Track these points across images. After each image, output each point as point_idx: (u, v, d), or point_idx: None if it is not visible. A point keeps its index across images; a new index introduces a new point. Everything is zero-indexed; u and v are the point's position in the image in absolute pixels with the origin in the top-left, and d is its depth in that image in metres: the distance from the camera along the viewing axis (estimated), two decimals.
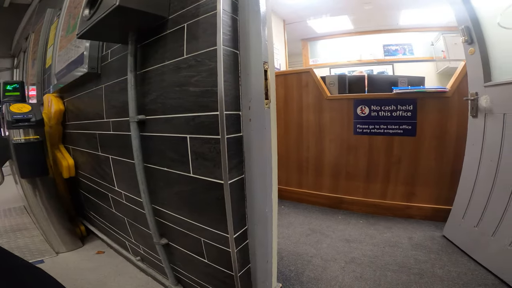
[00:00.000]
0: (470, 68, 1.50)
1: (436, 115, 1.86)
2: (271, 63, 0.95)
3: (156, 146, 1.11)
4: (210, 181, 0.93)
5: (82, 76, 1.42)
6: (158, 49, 1.04)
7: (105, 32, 1.04)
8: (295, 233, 1.85)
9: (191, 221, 1.04)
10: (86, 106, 1.63)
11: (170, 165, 1.06)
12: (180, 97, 0.98)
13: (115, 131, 1.35)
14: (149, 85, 1.09)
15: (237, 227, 0.93)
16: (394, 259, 1.48)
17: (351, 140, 2.17)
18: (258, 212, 0.97)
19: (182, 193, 1.05)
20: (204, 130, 0.92)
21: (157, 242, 1.15)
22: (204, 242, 1.01)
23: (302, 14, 4.27)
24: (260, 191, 0.96)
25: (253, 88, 0.91)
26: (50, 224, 1.69)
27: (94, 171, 1.65)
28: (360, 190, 2.19)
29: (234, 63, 0.90)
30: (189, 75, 0.93)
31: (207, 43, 0.86)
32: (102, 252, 1.70)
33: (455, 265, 1.38)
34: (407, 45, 4.64)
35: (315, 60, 5.41)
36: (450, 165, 1.85)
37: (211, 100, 0.88)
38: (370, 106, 2.06)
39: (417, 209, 1.99)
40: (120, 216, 1.51)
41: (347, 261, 1.48)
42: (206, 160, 0.93)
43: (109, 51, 1.32)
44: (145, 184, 1.12)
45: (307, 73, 2.34)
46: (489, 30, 1.37)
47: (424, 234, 1.75)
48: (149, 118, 1.11)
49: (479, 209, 1.42)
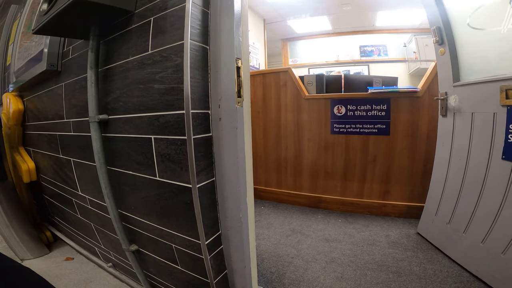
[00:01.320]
0: (440, 68, 1.54)
1: (408, 115, 1.91)
2: (245, 60, 0.91)
3: (120, 148, 1.04)
4: (178, 185, 0.88)
5: (41, 73, 1.32)
6: (122, 44, 0.97)
7: (64, 27, 0.96)
8: (276, 234, 1.83)
9: (161, 227, 0.99)
10: (45, 106, 1.51)
11: (136, 168, 1.00)
12: (144, 95, 0.91)
13: (76, 132, 1.26)
14: (112, 83, 1.02)
15: (209, 233, 0.89)
16: (373, 257, 1.50)
17: (328, 140, 2.19)
18: (231, 216, 0.93)
19: (149, 198, 0.99)
20: (169, 131, 0.86)
21: (126, 249, 1.09)
22: (176, 248, 0.97)
23: (282, 13, 4.28)
24: (232, 195, 0.91)
25: (224, 86, 0.87)
26: (12, 231, 1.59)
27: (56, 175, 1.54)
28: (338, 189, 2.21)
29: (203, 59, 0.85)
30: (153, 71, 0.88)
31: (174, 38, 0.81)
32: (71, 258, 1.62)
33: (431, 262, 1.41)
34: (382, 46, 4.79)
35: (294, 60, 5.45)
36: (422, 163, 1.91)
37: (177, 98, 0.83)
38: (346, 106, 2.08)
39: (392, 207, 2.04)
40: (86, 222, 1.42)
41: (328, 261, 1.48)
42: (172, 162, 0.88)
43: (70, 47, 1.23)
44: (109, 189, 1.05)
45: (286, 73, 2.33)
46: (459, 30, 1.41)
47: (400, 232, 1.79)
48: (112, 118, 1.03)
49: (451, 206, 1.45)
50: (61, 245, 1.80)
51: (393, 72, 4.41)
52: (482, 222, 1.25)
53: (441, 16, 1.45)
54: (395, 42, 4.70)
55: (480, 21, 1.28)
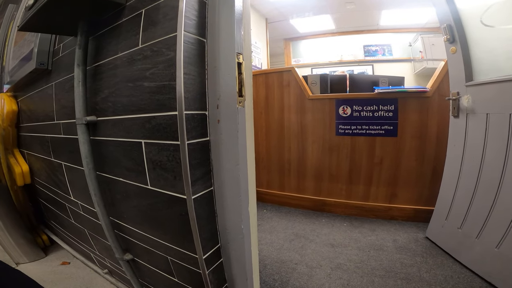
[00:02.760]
0: (452, 67, 1.48)
1: (417, 115, 1.85)
2: (247, 55, 0.82)
3: (109, 152, 0.96)
4: (171, 195, 0.80)
5: (31, 72, 1.26)
6: (111, 40, 0.89)
7: (50, 23, 0.90)
8: (279, 239, 1.77)
9: (155, 238, 0.91)
10: (37, 107, 1.45)
11: (126, 175, 0.92)
12: (134, 94, 0.83)
13: (66, 135, 1.19)
14: (101, 81, 0.94)
15: (207, 246, 0.81)
16: (380, 263, 1.44)
17: (333, 141, 2.12)
18: (232, 228, 0.84)
19: (142, 207, 0.91)
20: (161, 134, 0.78)
21: (120, 257, 1.03)
22: (172, 260, 0.90)
23: (284, 12, 4.22)
24: (233, 205, 0.83)
25: (223, 83, 0.78)
26: (6, 234, 1.55)
27: (49, 179, 1.48)
28: (343, 192, 2.14)
29: (199, 53, 0.76)
30: (143, 67, 0.79)
31: (166, 30, 0.73)
32: (68, 263, 1.57)
33: (441, 268, 1.36)
34: (387, 45, 4.72)
35: (297, 60, 5.38)
36: (431, 166, 1.84)
37: (169, 97, 0.74)
38: (352, 106, 2.02)
39: (399, 210, 1.98)
40: (80, 228, 1.36)
41: (333, 267, 1.43)
42: (165, 170, 0.79)
43: (61, 45, 1.16)
44: (99, 196, 0.97)
45: (289, 72, 2.27)
46: (472, 28, 1.35)
47: (407, 236, 1.73)
48: (100, 119, 0.96)
49: (462, 211, 1.40)
50: (57, 249, 1.75)
51: (398, 72, 4.33)
52: (497, 227, 1.19)
53: (451, 14, 1.40)
54: (400, 42, 4.63)
55: (493, 19, 1.22)
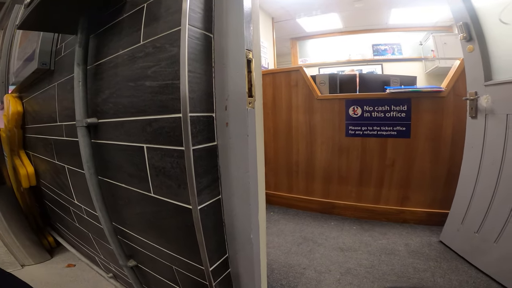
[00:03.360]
0: (469, 66, 1.42)
1: (431, 116, 1.78)
2: (256, 53, 0.75)
3: (111, 156, 0.91)
4: (176, 204, 0.74)
5: (33, 73, 1.24)
6: (113, 37, 0.84)
7: (49, 20, 0.87)
8: (286, 242, 1.73)
9: (159, 246, 0.87)
10: (41, 108, 1.42)
11: (128, 181, 0.87)
12: (135, 95, 0.78)
13: (69, 137, 1.15)
14: (102, 81, 0.90)
15: (214, 258, 0.76)
16: (392, 268, 1.40)
17: (343, 142, 2.07)
18: (241, 238, 0.79)
19: (145, 215, 0.87)
20: (164, 139, 0.72)
21: (123, 264, 0.99)
22: (177, 270, 0.86)
23: (291, 11, 4.16)
24: (242, 214, 0.77)
25: (232, 83, 0.71)
26: (12, 236, 1.55)
27: (54, 181, 1.46)
28: (353, 195, 2.09)
29: (206, 50, 0.71)
30: (145, 65, 0.74)
31: (169, 24, 0.68)
32: (73, 265, 1.56)
33: (456, 273, 1.31)
34: (396, 44, 4.62)
35: (304, 60, 5.32)
36: (446, 168, 1.78)
37: (172, 97, 0.68)
38: (362, 107, 1.96)
39: (411, 213, 1.92)
40: (84, 231, 1.34)
41: (343, 272, 1.39)
42: (168, 178, 0.74)
43: (63, 44, 1.13)
44: (101, 202, 0.93)
45: (297, 72, 2.23)
46: (490, 26, 1.30)
47: (420, 240, 1.68)
48: (102, 121, 0.91)
49: (480, 214, 1.35)
50: (63, 250, 1.74)
51: (408, 71, 4.24)
52: None
53: (468, 11, 1.35)
54: (410, 41, 4.53)
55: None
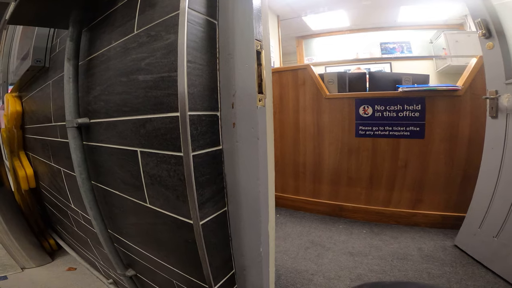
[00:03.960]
0: (488, 64, 1.35)
1: (447, 116, 1.71)
2: (266, 44, 0.66)
3: (104, 160, 0.83)
4: (174, 217, 0.65)
5: (27, 71, 1.19)
6: (106, 29, 0.77)
7: (40, 13, 0.81)
8: (293, 246, 1.68)
9: (158, 259, 0.79)
10: (38, 107, 1.36)
11: (122, 189, 0.79)
12: (127, 91, 0.69)
13: (63, 138, 1.07)
14: (93, 77, 0.82)
15: (219, 275, 0.68)
16: (405, 274, 1.34)
17: (352, 143, 2.00)
18: (249, 252, 0.71)
19: (142, 226, 0.79)
20: (159, 142, 0.62)
21: (121, 273, 0.93)
22: (177, 285, 0.79)
23: (297, 9, 4.10)
24: (251, 227, 0.68)
25: (239, 76, 0.62)
26: (12, 238, 1.53)
27: (51, 184, 1.41)
28: (362, 197, 2.02)
29: (209, 38, 0.62)
30: (139, 57, 0.65)
31: (166, 9, 0.59)
32: (74, 268, 1.52)
33: (473, 279, 1.25)
34: (405, 43, 4.52)
35: (310, 59, 5.25)
36: (462, 170, 1.70)
37: (168, 92, 0.59)
38: (373, 106, 1.89)
39: (423, 216, 1.84)
40: (83, 236, 1.30)
41: (353, 278, 1.33)
42: (165, 188, 0.65)
43: (58, 40, 1.07)
44: (96, 209, 0.86)
45: (304, 70, 2.17)
46: (510, 22, 1.24)
47: (434, 244, 1.61)
48: (93, 122, 0.83)
49: (500, 218, 1.29)
50: (64, 253, 1.71)
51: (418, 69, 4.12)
52: None
53: (486, 8, 1.28)
54: (419, 39, 4.42)
55: None
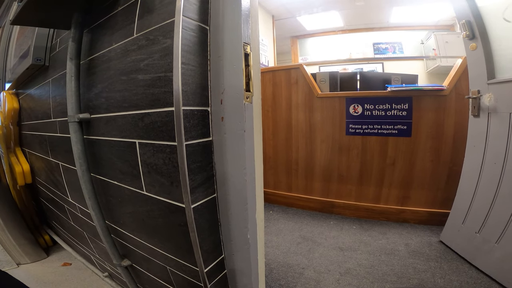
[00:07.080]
0: (472, 64, 1.40)
1: (433, 114, 1.76)
2: (254, 46, 0.74)
3: (103, 153, 0.90)
4: (169, 203, 0.72)
5: (27, 69, 1.22)
6: (106, 31, 0.84)
7: (43, 15, 0.85)
8: (285, 241, 1.72)
9: (153, 246, 0.85)
10: (36, 104, 1.41)
11: (121, 179, 0.86)
12: (127, 89, 0.77)
13: (62, 133, 1.14)
14: (94, 76, 0.89)
15: (209, 259, 0.74)
16: (392, 268, 1.39)
17: (343, 141, 2.05)
18: (237, 238, 0.77)
19: (138, 214, 0.85)
20: (156, 134, 0.70)
21: (117, 263, 0.97)
22: (171, 271, 0.84)
23: (291, 9, 4.13)
24: (239, 213, 0.75)
25: (228, 75, 0.70)
26: (7, 234, 1.54)
27: (49, 179, 1.44)
28: (353, 194, 2.07)
29: (201, 42, 0.70)
30: (138, 58, 0.73)
31: (163, 16, 0.67)
32: (69, 264, 1.55)
33: (457, 274, 1.30)
34: (397, 43, 4.59)
35: (304, 58, 5.29)
36: (447, 167, 1.76)
37: (164, 90, 0.67)
38: (363, 105, 1.94)
39: (411, 213, 1.90)
40: (79, 230, 1.32)
41: (342, 272, 1.37)
42: (160, 175, 0.72)
43: (58, 40, 1.12)
44: (94, 199, 0.92)
45: (297, 69, 2.21)
46: (493, 24, 1.28)
47: (420, 240, 1.66)
48: (94, 117, 0.90)
49: (481, 215, 1.33)
50: (59, 249, 1.73)
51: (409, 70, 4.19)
52: None
53: (471, 10, 1.33)
54: (411, 39, 4.50)
55: None
